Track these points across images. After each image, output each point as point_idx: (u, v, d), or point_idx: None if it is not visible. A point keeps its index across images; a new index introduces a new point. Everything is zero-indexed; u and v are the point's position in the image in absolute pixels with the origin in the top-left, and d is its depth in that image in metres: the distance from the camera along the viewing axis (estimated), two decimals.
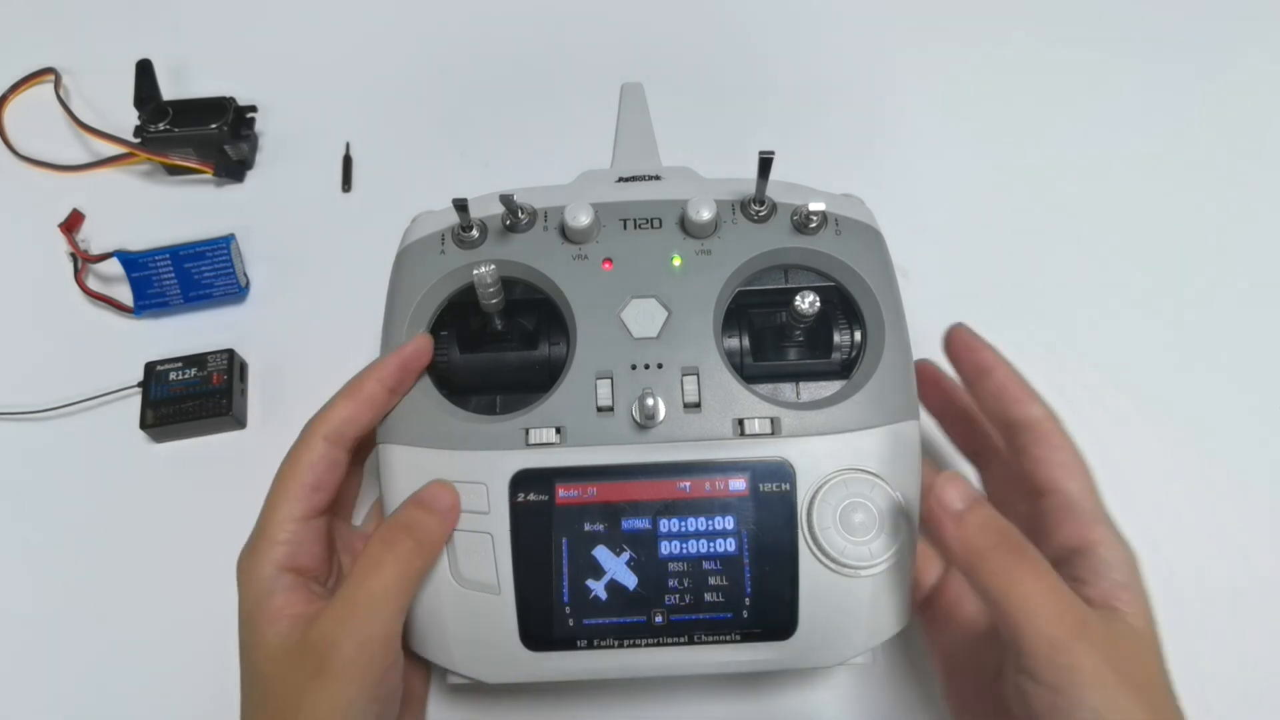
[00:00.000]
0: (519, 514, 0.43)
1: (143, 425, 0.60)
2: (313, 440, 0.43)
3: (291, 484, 0.43)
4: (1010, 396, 0.44)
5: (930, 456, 0.48)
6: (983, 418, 0.47)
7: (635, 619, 0.43)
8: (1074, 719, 0.36)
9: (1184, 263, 0.66)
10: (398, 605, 0.40)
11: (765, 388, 0.47)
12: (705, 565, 0.43)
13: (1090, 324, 0.64)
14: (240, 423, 0.61)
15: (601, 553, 0.43)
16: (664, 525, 0.43)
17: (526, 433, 0.44)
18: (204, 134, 0.67)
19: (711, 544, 0.43)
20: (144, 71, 0.65)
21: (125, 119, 0.67)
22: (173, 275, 0.64)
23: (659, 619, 0.43)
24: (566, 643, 0.43)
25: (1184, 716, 0.39)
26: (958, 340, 0.46)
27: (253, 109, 0.70)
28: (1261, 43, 0.74)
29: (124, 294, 0.64)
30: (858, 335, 0.47)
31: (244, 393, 0.62)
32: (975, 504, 0.40)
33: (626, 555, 0.43)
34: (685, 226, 0.47)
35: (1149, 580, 0.41)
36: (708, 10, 0.76)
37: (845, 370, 0.47)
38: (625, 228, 0.47)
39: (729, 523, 0.43)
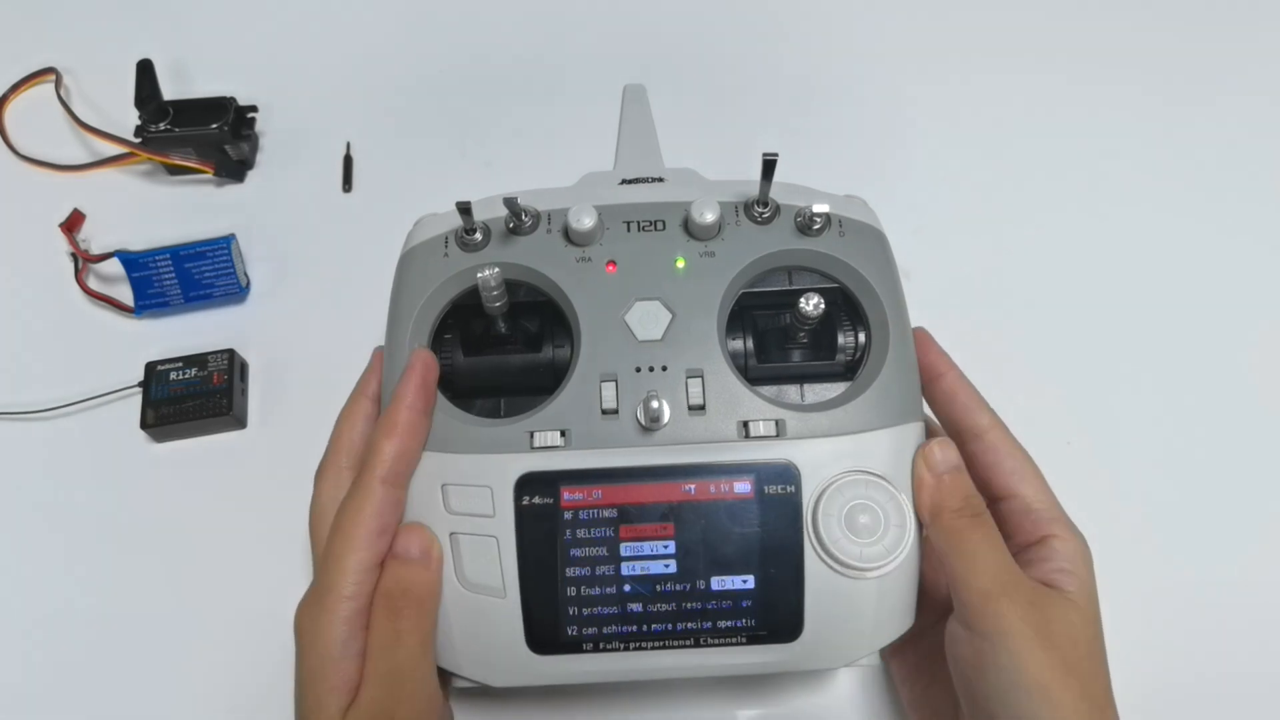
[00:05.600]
0: (524, 517, 0.42)
1: (143, 425, 0.60)
2: (370, 485, 0.42)
3: (357, 530, 0.41)
4: (959, 404, 0.46)
5: None
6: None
7: (641, 622, 0.43)
8: (996, 664, 0.40)
9: (1185, 264, 0.66)
10: (428, 667, 0.42)
11: (770, 390, 0.47)
12: (710, 567, 0.43)
13: (1091, 324, 0.64)
14: (240, 423, 0.61)
15: (606, 556, 0.43)
16: (669, 528, 0.43)
17: (531, 435, 0.43)
18: (204, 134, 0.67)
19: (717, 546, 0.43)
20: (144, 71, 0.65)
21: (126, 119, 0.67)
22: (173, 275, 0.64)
23: (665, 622, 0.43)
24: (572, 646, 0.43)
25: (1110, 687, 0.41)
26: (916, 343, 0.47)
27: (253, 109, 0.70)
28: (1268, 53, 0.75)
29: (124, 294, 0.64)
30: (862, 337, 0.47)
31: (244, 393, 0.62)
32: (956, 471, 0.43)
33: (632, 558, 0.43)
34: (689, 228, 0.47)
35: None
36: (710, 12, 0.76)
37: (849, 372, 0.47)
38: (628, 230, 0.47)
39: (734, 525, 0.43)
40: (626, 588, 0.43)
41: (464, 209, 0.45)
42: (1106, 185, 0.69)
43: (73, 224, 0.66)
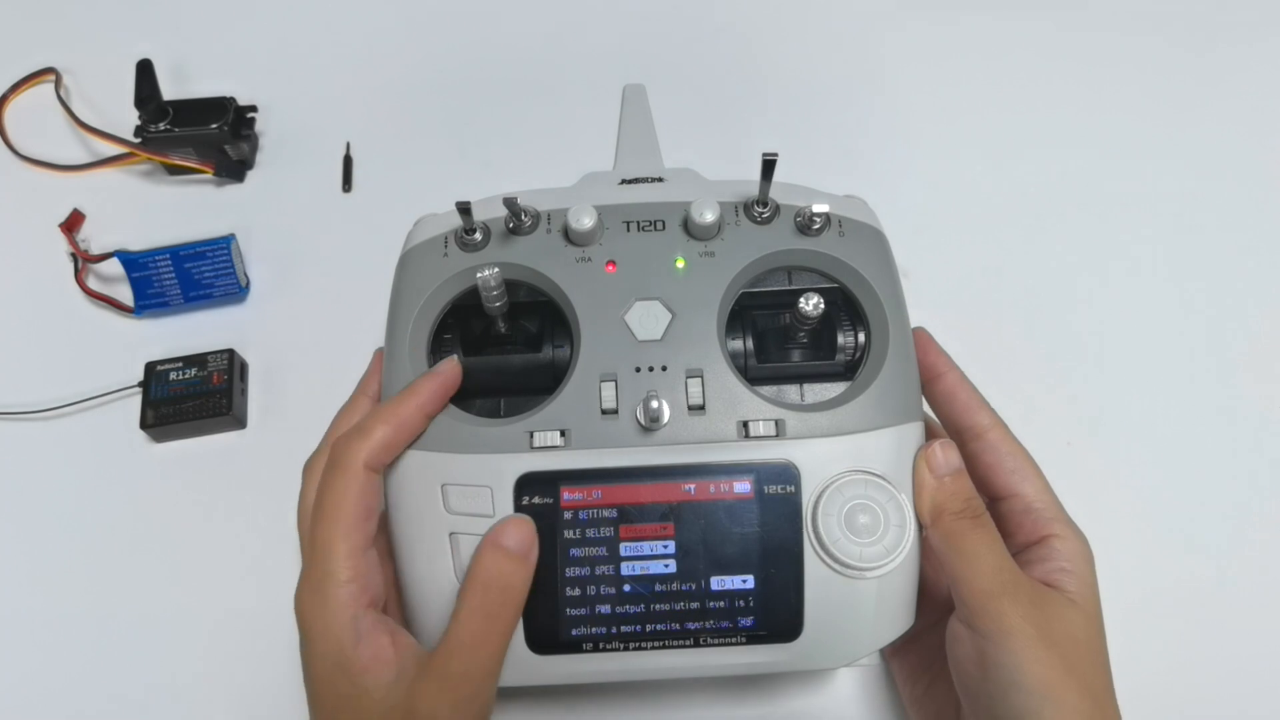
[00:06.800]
0: None
1: (143, 425, 0.60)
2: (355, 468, 0.41)
3: (345, 516, 0.41)
4: (959, 403, 0.46)
5: None
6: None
7: (641, 622, 0.43)
8: (997, 663, 0.40)
9: (1185, 263, 0.66)
10: (497, 676, 0.41)
11: (769, 389, 0.47)
12: (710, 567, 0.43)
13: (1090, 324, 0.64)
14: (240, 423, 0.61)
15: (606, 555, 0.43)
16: (669, 528, 0.43)
17: (530, 435, 0.43)
18: (204, 134, 0.67)
19: (717, 546, 0.43)
20: (144, 71, 0.65)
21: (125, 119, 0.67)
22: (173, 275, 0.64)
23: (664, 622, 0.43)
24: (572, 646, 0.43)
25: (1111, 686, 0.42)
26: (916, 344, 0.47)
27: (253, 109, 0.70)
28: (1268, 53, 0.74)
29: (124, 294, 0.64)
30: (861, 337, 0.47)
31: (244, 393, 0.62)
32: (957, 474, 0.43)
33: (631, 558, 0.43)
34: (688, 228, 0.47)
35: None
36: (710, 12, 0.76)
37: (849, 372, 0.47)
38: (628, 230, 0.47)
39: (734, 525, 0.43)
40: (626, 588, 0.43)
41: (464, 209, 0.45)
42: (1106, 185, 0.69)
43: (73, 224, 0.66)
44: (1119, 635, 0.43)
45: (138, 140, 0.67)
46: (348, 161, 0.70)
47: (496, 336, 0.47)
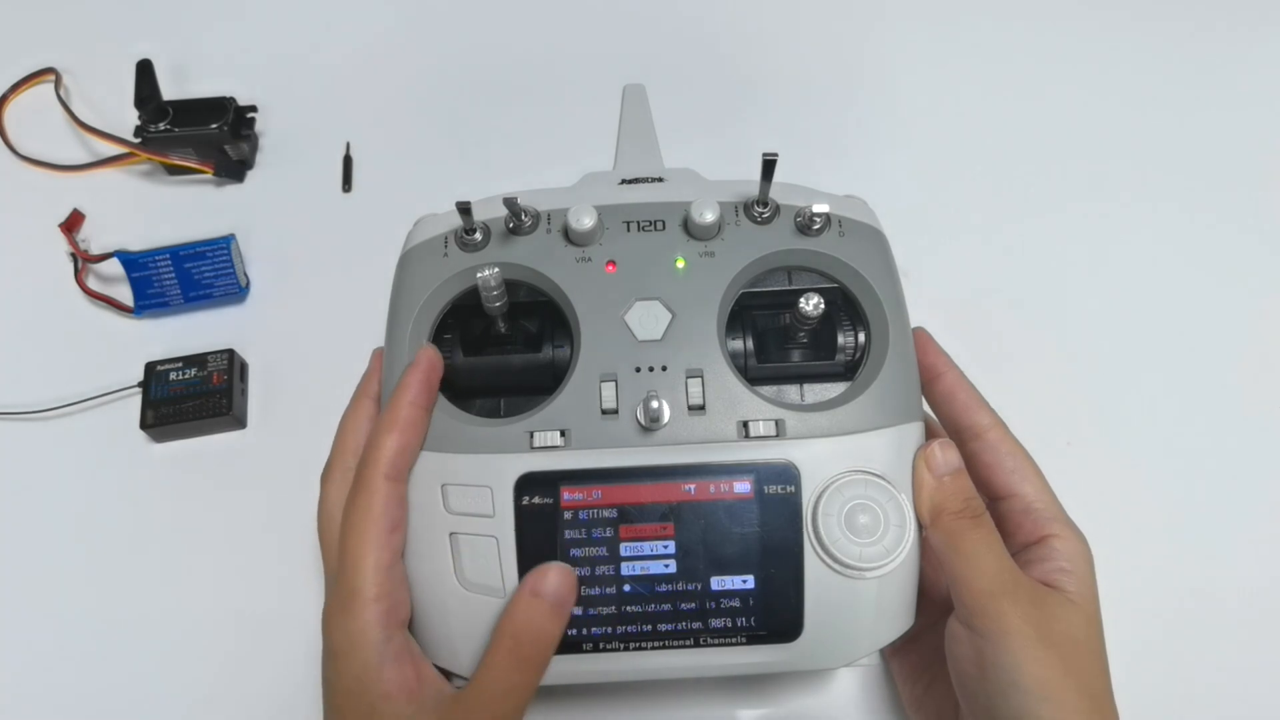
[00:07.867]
0: (524, 517, 0.42)
1: (143, 425, 0.60)
2: (375, 482, 0.41)
3: (370, 531, 0.41)
4: (958, 403, 0.46)
5: None
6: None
7: (641, 622, 0.43)
8: (996, 663, 0.40)
9: (1185, 263, 0.66)
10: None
11: (769, 390, 0.47)
12: (710, 568, 0.43)
13: (1090, 324, 0.64)
14: (240, 423, 0.61)
15: (606, 555, 0.43)
16: (669, 528, 0.43)
17: (530, 435, 0.43)
18: (204, 134, 0.67)
19: (717, 546, 0.43)
20: (144, 71, 0.65)
21: (125, 119, 0.67)
22: (173, 275, 0.64)
23: (664, 622, 0.43)
24: (572, 646, 0.43)
25: (1109, 687, 0.42)
26: (916, 344, 0.47)
27: (253, 109, 0.70)
28: (1269, 52, 0.74)
29: (124, 294, 0.64)
30: (861, 337, 0.47)
31: (244, 393, 0.62)
32: (957, 473, 0.43)
33: (631, 558, 0.43)
34: (688, 228, 0.47)
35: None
36: (710, 12, 0.76)
37: (849, 372, 0.47)
38: (628, 230, 0.47)
39: (734, 525, 0.43)
40: (626, 588, 0.43)
41: (464, 209, 0.45)
42: (1107, 185, 0.69)
43: (72, 224, 0.66)
44: (1118, 636, 0.43)
45: (138, 140, 0.67)
46: (348, 161, 0.70)
47: (496, 336, 0.47)
